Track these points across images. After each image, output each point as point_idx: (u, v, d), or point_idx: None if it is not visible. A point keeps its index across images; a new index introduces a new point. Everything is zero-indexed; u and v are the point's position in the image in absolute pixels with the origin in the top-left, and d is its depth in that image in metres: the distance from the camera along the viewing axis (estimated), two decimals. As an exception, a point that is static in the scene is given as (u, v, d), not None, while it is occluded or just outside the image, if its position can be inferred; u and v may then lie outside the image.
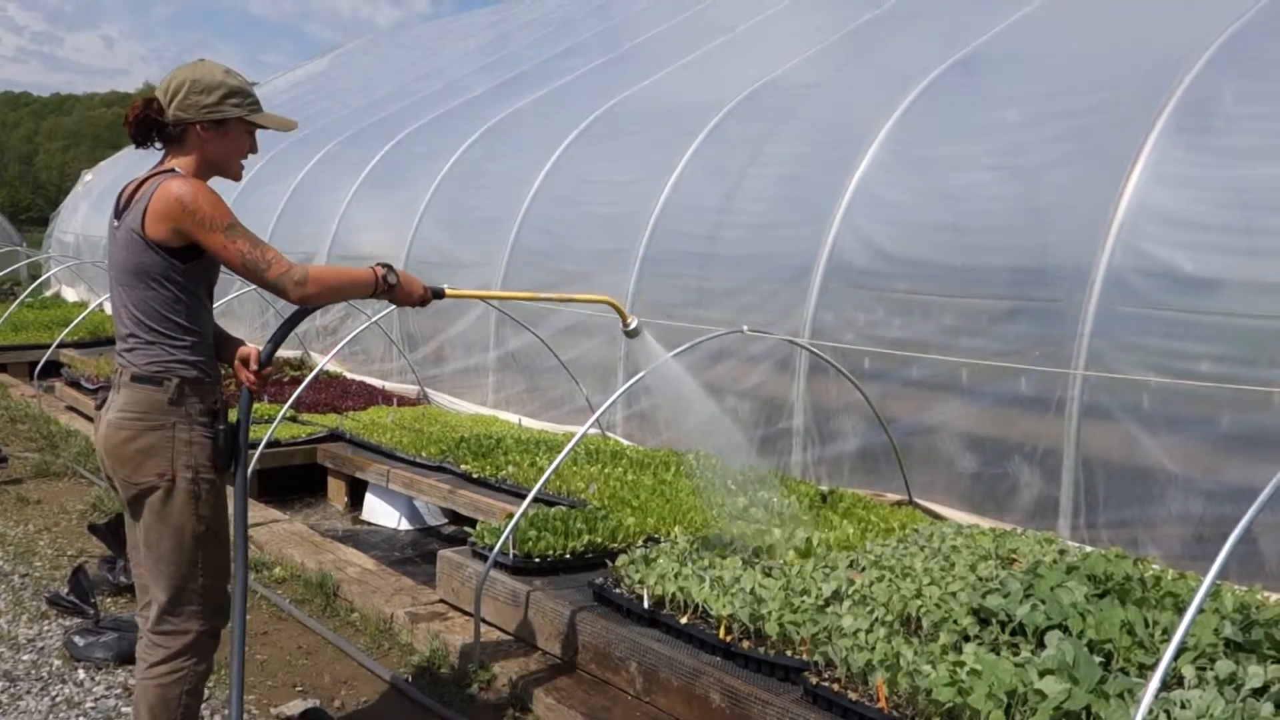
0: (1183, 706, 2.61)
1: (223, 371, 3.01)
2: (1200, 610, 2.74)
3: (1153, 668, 2.92)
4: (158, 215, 2.74)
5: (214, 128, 2.86)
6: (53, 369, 10.01)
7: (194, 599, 2.88)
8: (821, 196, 6.29)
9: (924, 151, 6.10)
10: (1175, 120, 5.03)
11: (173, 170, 2.84)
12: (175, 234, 2.75)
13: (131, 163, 18.84)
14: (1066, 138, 5.46)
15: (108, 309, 13.85)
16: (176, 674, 2.88)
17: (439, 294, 3.23)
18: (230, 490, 2.99)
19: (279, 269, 2.78)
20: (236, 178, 3.03)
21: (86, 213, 18.47)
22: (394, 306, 4.50)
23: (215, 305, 3.06)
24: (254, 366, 2.95)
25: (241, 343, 3.04)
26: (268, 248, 2.81)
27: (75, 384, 9.24)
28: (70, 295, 17.00)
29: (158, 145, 2.92)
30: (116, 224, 2.85)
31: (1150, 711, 2.51)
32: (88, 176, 20.44)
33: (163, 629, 2.89)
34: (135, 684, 2.96)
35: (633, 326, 3.82)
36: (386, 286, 3.01)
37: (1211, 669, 2.90)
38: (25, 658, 4.16)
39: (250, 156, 3.01)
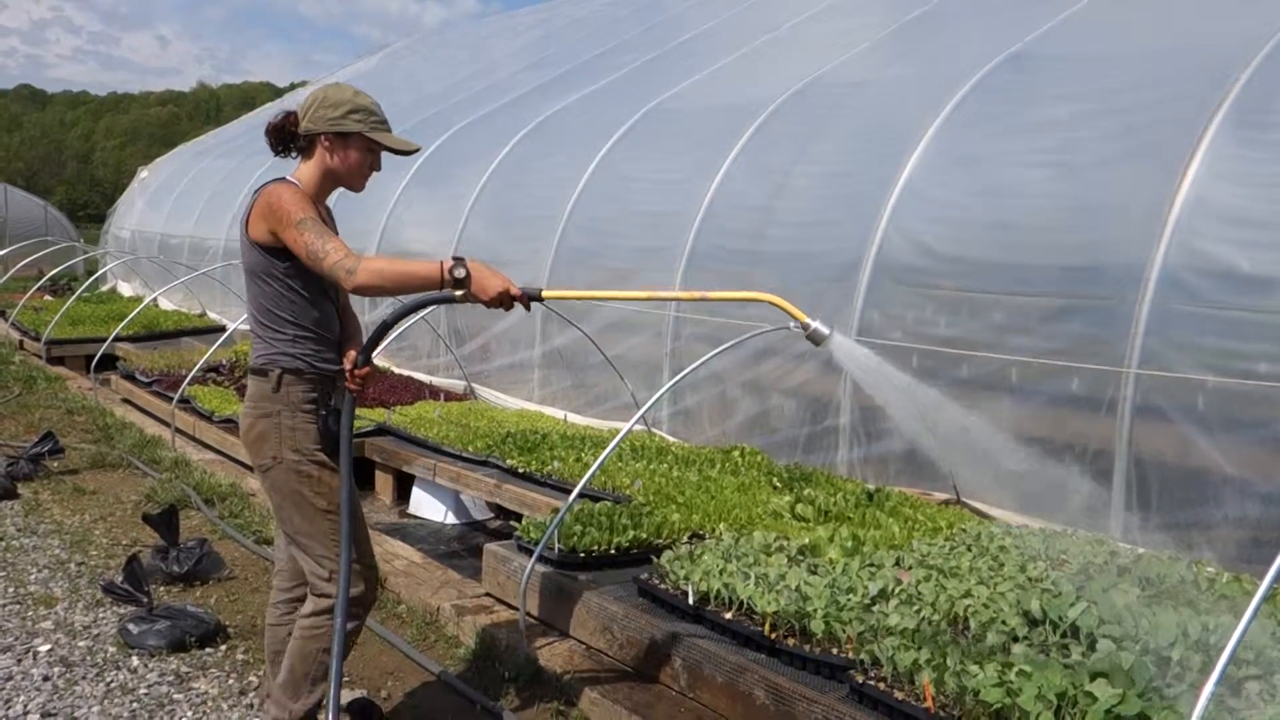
0: (1238, 712, 2.56)
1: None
2: (1256, 614, 2.69)
3: (1208, 672, 2.87)
4: (258, 216, 3.00)
5: (337, 140, 3.07)
6: (109, 362, 10.20)
7: (329, 566, 3.08)
8: (869, 194, 6.25)
9: (973, 149, 6.03)
10: (1232, 117, 4.94)
11: (284, 178, 3.07)
12: (270, 234, 2.97)
13: (187, 160, 19.15)
14: (1119, 135, 5.37)
15: (162, 304, 14.15)
16: (318, 630, 3.10)
17: (534, 297, 2.95)
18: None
19: (334, 258, 2.87)
20: (357, 190, 3.24)
21: (142, 209, 18.80)
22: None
23: None
24: (348, 368, 3.13)
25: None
26: (330, 239, 2.92)
27: (130, 377, 9.42)
28: (126, 290, 17.32)
29: (294, 155, 3.15)
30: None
31: (1205, 717, 2.46)
32: (143, 174, 20.79)
33: (314, 591, 3.13)
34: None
35: (812, 329, 3.00)
36: (453, 281, 2.84)
37: (1269, 675, 2.84)
38: (81, 644, 4.24)
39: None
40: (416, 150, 3.22)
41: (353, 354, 3.13)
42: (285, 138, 3.11)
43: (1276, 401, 4.39)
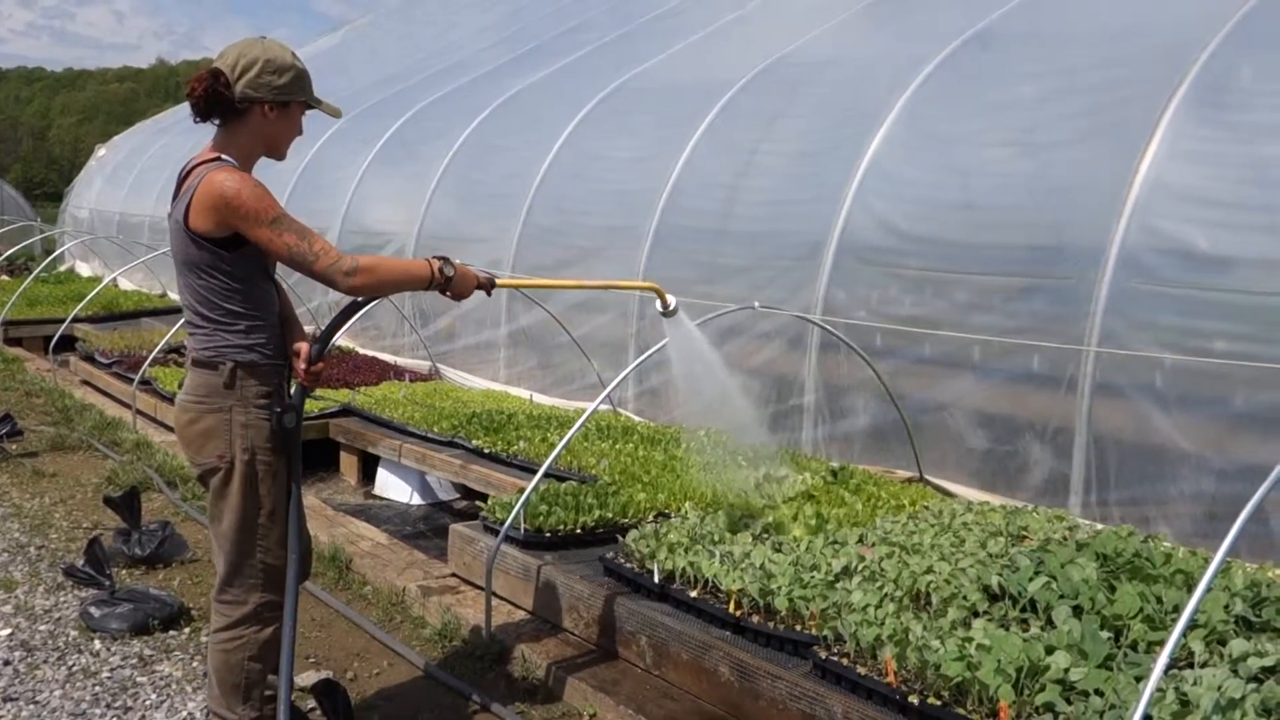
0: (1194, 684, 2.61)
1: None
2: (1210, 588, 2.73)
3: (1163, 644, 2.92)
4: (202, 209, 2.77)
5: (280, 108, 2.90)
6: (67, 343, 10.06)
7: (253, 573, 2.98)
8: (834, 173, 6.27)
9: (938, 128, 6.06)
10: (1191, 96, 4.99)
11: (219, 158, 2.85)
12: (220, 226, 2.78)
13: (147, 138, 18.86)
14: (1082, 114, 5.42)
15: (121, 284, 13.93)
16: (238, 640, 3.00)
17: (492, 283, 3.14)
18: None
19: (327, 260, 2.77)
20: (282, 159, 3.07)
21: (100, 188, 18.51)
22: None
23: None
24: (302, 364, 2.97)
25: (304, 334, 3.07)
26: (316, 238, 2.81)
27: (90, 358, 9.29)
28: (84, 270, 17.06)
29: (215, 121, 2.91)
30: (171, 211, 2.90)
31: (1160, 688, 2.51)
32: (101, 151, 20.46)
33: (224, 599, 3.01)
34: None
35: (671, 308, 3.71)
36: (443, 280, 2.94)
37: (1222, 646, 2.90)
38: (42, 628, 4.20)
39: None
40: (341, 114, 3.17)
41: (304, 347, 2.99)
42: (216, 102, 2.83)
43: (1232, 379, 4.47)
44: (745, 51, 8.25)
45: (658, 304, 3.74)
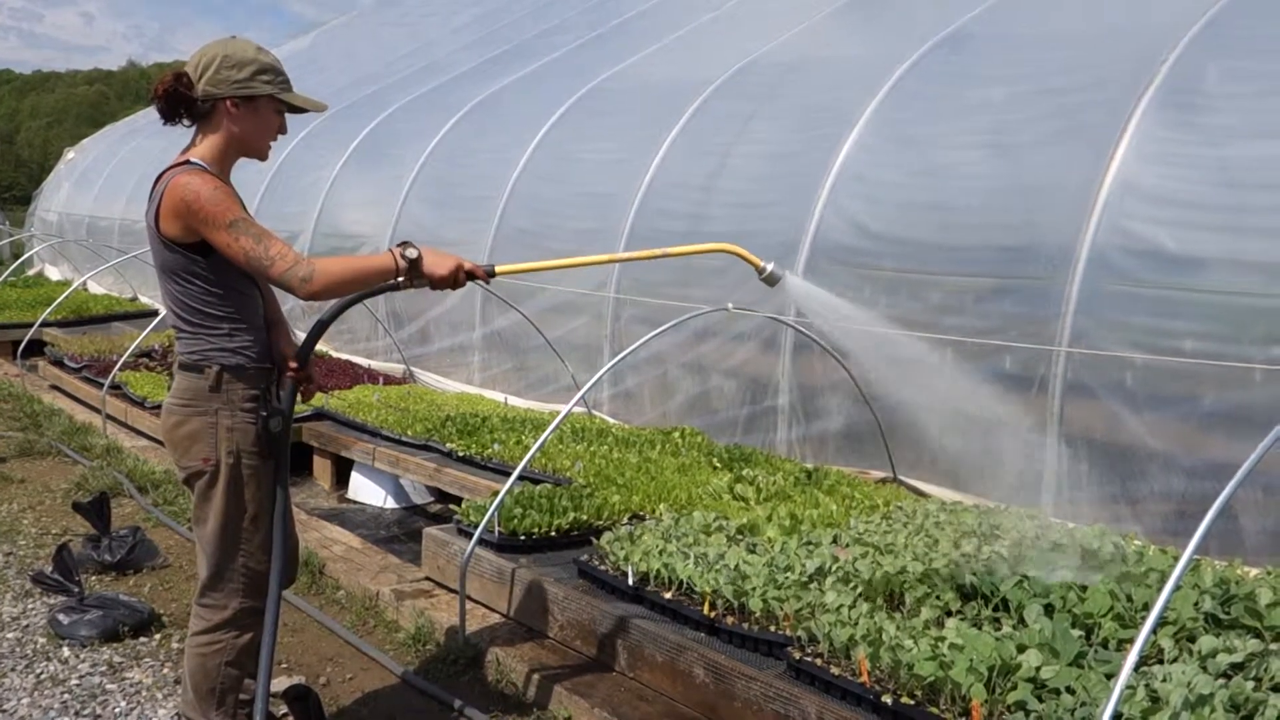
0: (1164, 680, 2.63)
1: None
2: (1179, 585, 2.76)
3: (1133, 642, 2.95)
4: (169, 213, 2.76)
5: (244, 104, 2.84)
6: (36, 348, 9.96)
7: (235, 577, 2.96)
8: (807, 175, 6.28)
9: (910, 130, 6.09)
10: (1159, 99, 5.03)
11: (188, 162, 2.83)
12: (187, 230, 2.76)
13: (117, 141, 18.69)
14: (1052, 116, 5.46)
15: (91, 287, 13.78)
16: (216, 645, 2.98)
17: (490, 272, 2.96)
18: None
19: (283, 266, 2.71)
20: (264, 158, 3.01)
21: (69, 191, 18.32)
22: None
23: None
24: (290, 370, 2.97)
25: (290, 339, 3.06)
26: (273, 242, 2.75)
27: (59, 363, 9.20)
28: (53, 274, 16.88)
29: (186, 123, 2.88)
30: (145, 217, 2.88)
31: (1130, 685, 2.53)
32: (70, 154, 20.27)
33: (204, 602, 2.99)
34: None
35: (769, 271, 3.30)
36: (407, 264, 2.80)
37: (1192, 643, 2.93)
38: (9, 635, 4.15)
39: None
40: (326, 108, 3.07)
41: (290, 352, 2.99)
42: (179, 103, 2.81)
43: (1201, 378, 4.51)
44: (720, 53, 8.26)
45: (756, 273, 3.30)
